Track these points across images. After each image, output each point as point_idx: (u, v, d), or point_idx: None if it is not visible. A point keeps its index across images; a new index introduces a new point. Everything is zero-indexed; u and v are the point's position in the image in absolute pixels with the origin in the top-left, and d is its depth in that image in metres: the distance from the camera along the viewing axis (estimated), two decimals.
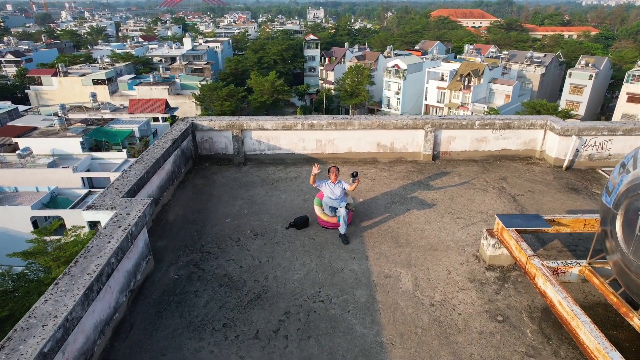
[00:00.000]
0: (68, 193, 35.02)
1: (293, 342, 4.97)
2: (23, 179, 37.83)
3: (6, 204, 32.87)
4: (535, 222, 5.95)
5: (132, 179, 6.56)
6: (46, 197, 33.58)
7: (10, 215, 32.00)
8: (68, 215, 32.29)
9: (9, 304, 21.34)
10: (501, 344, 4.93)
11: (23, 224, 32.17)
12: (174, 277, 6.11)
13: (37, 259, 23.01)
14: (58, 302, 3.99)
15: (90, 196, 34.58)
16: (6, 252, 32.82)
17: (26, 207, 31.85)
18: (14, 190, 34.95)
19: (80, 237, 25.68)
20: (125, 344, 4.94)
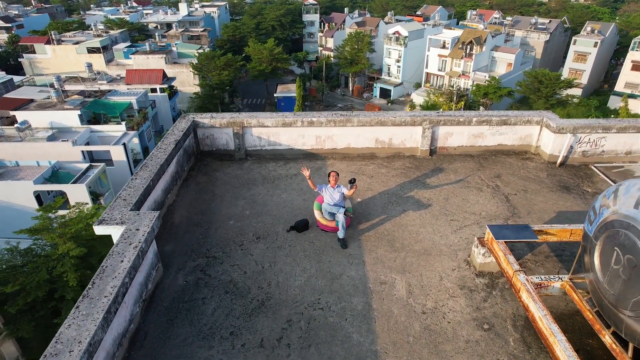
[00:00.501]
0: (69, 167, 35.26)
1: (295, 350, 5.41)
2: (23, 152, 37.94)
3: (8, 178, 33.17)
4: (524, 233, 6.28)
5: (139, 189, 6.82)
6: (47, 171, 33.85)
7: (13, 190, 32.39)
8: (70, 189, 32.70)
9: (19, 278, 22.07)
10: (486, 352, 5.37)
11: (26, 198, 32.62)
12: (182, 283, 6.51)
13: (43, 235, 23.55)
14: (81, 327, 4.37)
15: (91, 170, 34.85)
16: (11, 226, 33.48)
17: (28, 182, 32.18)
18: (15, 164, 35.17)
19: (83, 213, 26.16)
20: (141, 352, 5.39)
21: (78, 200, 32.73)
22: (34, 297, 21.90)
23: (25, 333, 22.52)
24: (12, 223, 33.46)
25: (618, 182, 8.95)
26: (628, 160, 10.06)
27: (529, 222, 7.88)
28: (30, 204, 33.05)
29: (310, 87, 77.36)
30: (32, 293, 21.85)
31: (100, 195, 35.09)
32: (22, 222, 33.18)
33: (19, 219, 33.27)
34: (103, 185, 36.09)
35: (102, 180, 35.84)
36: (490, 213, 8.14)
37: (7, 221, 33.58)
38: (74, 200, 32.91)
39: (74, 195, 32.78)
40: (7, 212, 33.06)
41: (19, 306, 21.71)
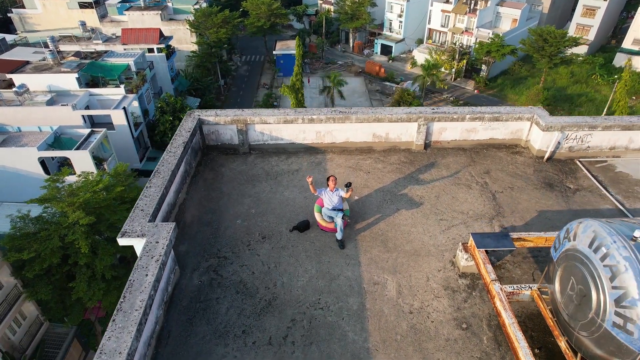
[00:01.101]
0: (71, 133, 35.54)
1: (298, 347, 6.30)
2: (23, 117, 38.04)
3: (12, 145, 33.57)
4: (503, 242, 6.99)
5: (154, 198, 7.46)
6: (50, 137, 34.17)
7: (18, 157, 32.91)
8: (74, 156, 33.21)
9: (34, 245, 23.21)
10: (462, 350, 6.27)
11: (31, 164, 33.21)
12: (197, 283, 7.32)
13: (52, 204, 24.42)
14: (119, 339, 5.18)
15: (93, 136, 35.16)
16: (19, 191, 34.41)
17: (32, 149, 32.62)
18: (17, 130, 35.41)
19: (89, 180, 26.89)
20: (167, 349, 6.28)
21: (82, 165, 33.39)
22: (49, 263, 23.11)
23: (44, 295, 23.99)
24: (19, 188, 34.37)
25: (600, 177, 9.58)
26: (612, 155, 10.62)
27: (511, 222, 8.59)
28: (36, 170, 33.71)
29: (310, 44, 75.54)
30: (47, 259, 23.06)
31: (103, 160, 35.65)
32: (29, 187, 34.13)
33: (26, 184, 34.13)
34: (106, 150, 36.55)
35: (105, 145, 36.24)
36: (477, 212, 8.83)
37: (14, 186, 34.41)
38: (78, 166, 33.58)
39: (78, 161, 33.35)
40: (14, 178, 33.78)
41: (35, 271, 22.99)
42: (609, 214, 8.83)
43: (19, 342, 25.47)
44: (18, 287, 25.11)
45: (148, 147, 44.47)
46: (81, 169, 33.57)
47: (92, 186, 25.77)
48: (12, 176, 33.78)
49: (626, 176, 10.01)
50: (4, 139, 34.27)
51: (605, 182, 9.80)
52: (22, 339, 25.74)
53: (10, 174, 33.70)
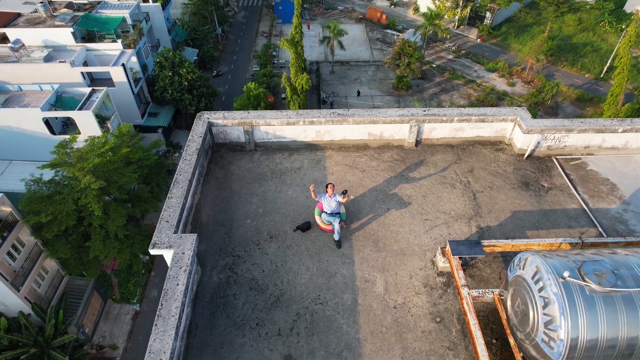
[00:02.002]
0: (72, 92, 35.76)
1: (302, 338, 7.79)
2: (22, 73, 38.01)
3: (15, 105, 33.97)
4: (475, 249, 8.25)
5: (176, 209, 8.61)
6: (52, 97, 34.47)
7: (23, 117, 33.46)
8: (77, 116, 33.76)
9: (49, 208, 24.69)
10: (435, 340, 7.76)
11: (36, 124, 33.84)
12: (216, 280, 8.69)
13: (64, 168, 25.55)
14: (162, 341, 6.60)
15: (95, 95, 35.42)
16: (26, 150, 35.41)
17: (36, 109, 33.09)
18: (18, 89, 35.59)
19: (94, 142, 27.79)
20: (196, 340, 7.77)
21: (86, 125, 34.08)
22: (66, 225, 24.71)
23: (63, 254, 25.90)
24: (26, 147, 35.34)
25: (572, 176, 10.70)
26: (586, 153, 11.61)
27: (487, 222, 9.82)
28: (41, 129, 34.43)
29: None
30: (64, 222, 24.65)
31: (106, 119, 36.20)
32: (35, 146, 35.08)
33: (33, 143, 35.04)
34: (108, 108, 36.95)
35: (107, 104, 36.59)
36: (458, 212, 10.02)
37: (22, 146, 35.33)
38: (82, 125, 34.26)
39: (82, 121, 33.97)
40: (20, 137, 34.58)
41: (54, 232, 24.68)
42: (574, 214, 10.05)
43: (44, 293, 27.81)
44: (38, 245, 26.96)
45: (149, 103, 44.69)
46: (85, 128, 34.34)
47: (98, 148, 26.73)
48: (18, 136, 34.55)
49: (595, 175, 11.09)
50: (7, 99, 34.61)
51: (575, 181, 10.91)
52: (47, 291, 28.07)
53: (16, 133, 34.45)
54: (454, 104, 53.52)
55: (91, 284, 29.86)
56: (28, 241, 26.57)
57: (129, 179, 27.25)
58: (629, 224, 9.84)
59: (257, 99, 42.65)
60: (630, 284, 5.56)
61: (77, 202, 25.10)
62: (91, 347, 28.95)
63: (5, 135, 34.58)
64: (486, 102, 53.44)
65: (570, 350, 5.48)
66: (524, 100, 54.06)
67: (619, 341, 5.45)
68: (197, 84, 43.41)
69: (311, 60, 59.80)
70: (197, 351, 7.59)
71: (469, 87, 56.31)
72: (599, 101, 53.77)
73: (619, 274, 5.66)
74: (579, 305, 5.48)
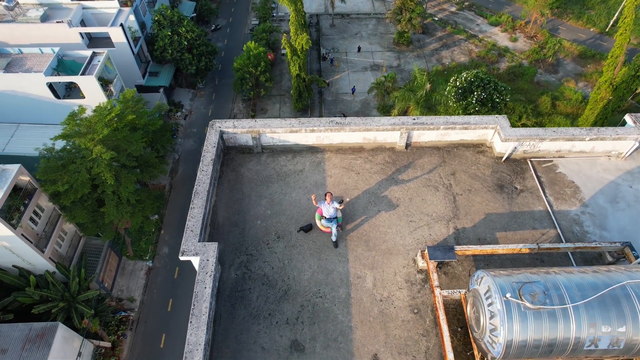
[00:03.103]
0: (73, 55, 35.95)
1: (306, 326, 9.72)
2: (21, 35, 37.92)
3: (18, 69, 34.34)
4: (449, 254, 9.94)
5: (198, 219, 10.19)
6: (53, 61, 34.75)
7: (27, 82, 34.01)
8: (81, 81, 34.29)
9: (65, 177, 26.29)
10: (412, 328, 9.70)
11: (40, 89, 34.47)
12: (234, 276, 10.49)
13: (75, 139, 26.81)
14: (197, 335, 8.48)
15: (96, 58, 35.64)
16: (32, 114, 36.30)
17: (39, 74, 33.56)
18: (18, 52, 35.72)
19: (100, 109, 28.77)
20: (221, 327, 9.69)
21: (89, 90, 34.77)
22: (82, 194, 26.47)
23: (81, 219, 27.93)
24: (32, 111, 36.24)
25: (543, 178, 12.21)
26: (558, 156, 12.99)
27: (463, 224, 11.45)
28: (45, 93, 35.10)
29: None
30: (79, 190, 26.38)
31: (109, 82, 36.69)
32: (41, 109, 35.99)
33: (38, 107, 35.89)
34: (110, 71, 37.28)
35: (108, 66, 36.86)
36: (439, 214, 11.63)
37: (27, 109, 36.19)
38: (86, 90, 34.92)
39: (85, 86, 34.57)
40: (26, 102, 35.34)
41: (71, 200, 26.46)
42: (539, 216, 11.66)
43: (65, 253, 30.20)
44: (57, 210, 28.88)
45: (149, 62, 44.71)
46: (89, 92, 35.02)
47: (104, 116, 27.77)
48: (23, 100, 35.28)
49: (563, 177, 12.57)
50: (8, 63, 34.90)
51: (545, 183, 12.42)
52: (67, 251, 30.44)
53: (21, 98, 35.15)
54: (454, 60, 53.29)
55: (107, 244, 32.19)
56: (47, 206, 28.44)
57: (137, 147, 28.59)
58: (584, 225, 11.50)
59: (257, 59, 42.73)
60: (554, 302, 7.30)
61: (90, 171, 26.64)
62: (111, 300, 31.88)
63: (11, 100, 35.32)
64: (487, 59, 53.20)
65: (506, 349, 7.35)
66: (525, 57, 53.74)
67: (541, 343, 7.30)
68: (197, 42, 43.22)
69: (311, 12, 58.52)
70: (222, 337, 9.54)
71: (471, 43, 55.70)
72: (601, 58, 53.46)
73: (548, 293, 7.37)
74: (515, 319, 7.25)
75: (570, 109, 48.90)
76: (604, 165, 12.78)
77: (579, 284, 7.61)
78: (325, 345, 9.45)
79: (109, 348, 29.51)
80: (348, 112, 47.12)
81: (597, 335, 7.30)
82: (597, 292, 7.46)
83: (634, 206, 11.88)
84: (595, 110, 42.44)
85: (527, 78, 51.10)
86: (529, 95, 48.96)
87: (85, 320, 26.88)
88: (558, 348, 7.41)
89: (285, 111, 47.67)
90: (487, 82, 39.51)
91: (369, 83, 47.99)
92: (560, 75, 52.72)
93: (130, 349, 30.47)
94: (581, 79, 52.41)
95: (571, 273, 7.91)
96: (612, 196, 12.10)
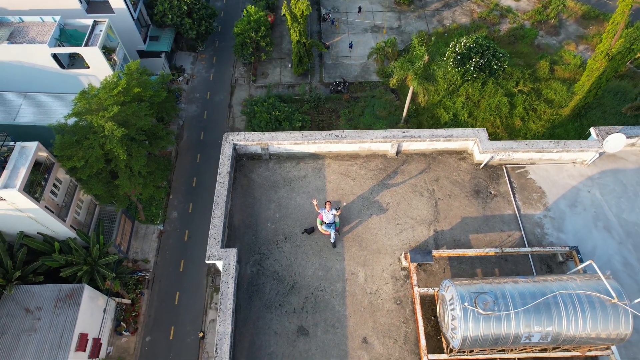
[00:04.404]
0: (74, 24, 36.17)
1: (309, 314, 12.07)
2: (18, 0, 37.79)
3: (21, 39, 34.77)
4: (427, 257, 12.07)
5: (219, 227, 12.20)
6: (56, 31, 35.07)
7: (32, 53, 34.62)
8: (85, 52, 34.86)
9: (79, 152, 28.04)
10: (395, 316, 12.05)
11: (45, 59, 35.13)
12: (250, 272, 12.70)
13: (87, 117, 28.20)
14: (224, 326, 10.80)
15: (98, 27, 35.90)
16: (37, 83, 37.25)
17: (43, 45, 34.10)
18: (19, 20, 35.92)
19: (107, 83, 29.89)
20: (240, 316, 12.04)
21: (94, 60, 35.50)
22: (97, 168, 28.38)
23: (97, 191, 30.06)
24: (38, 80, 37.20)
25: (515, 184, 14.14)
26: (530, 163, 14.77)
27: (442, 226, 13.49)
28: (50, 64, 35.80)
29: None
30: (95, 165, 28.26)
31: (112, 51, 37.19)
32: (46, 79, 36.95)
33: (44, 76, 36.78)
34: (112, 39, 37.61)
35: (110, 35, 37.15)
36: (422, 218, 13.64)
37: (34, 79, 37.11)
38: (90, 61, 35.63)
39: (89, 56, 35.20)
40: (32, 72, 36.15)
41: (86, 174, 28.40)
42: (508, 219, 13.68)
43: (83, 220, 32.62)
44: (73, 181, 30.90)
45: (149, 25, 44.60)
46: (93, 63, 35.72)
47: (111, 89, 28.96)
48: (29, 70, 36.05)
49: (532, 183, 14.45)
50: (11, 33, 35.26)
51: (516, 189, 14.32)
52: (85, 218, 32.84)
53: (27, 68, 35.89)
54: (455, 22, 52.82)
55: (120, 210, 34.53)
56: (64, 178, 30.40)
57: (145, 122, 30.04)
58: (545, 228, 13.57)
59: (257, 23, 42.75)
60: (501, 309, 9.52)
61: (102, 146, 28.29)
62: (128, 262, 34.80)
63: (17, 70, 36.10)
64: (488, 20, 52.73)
65: (462, 343, 9.69)
66: (527, 18, 53.19)
67: (489, 338, 9.62)
68: (197, 6, 42.96)
69: None
70: (242, 324, 11.93)
71: (473, 2, 54.83)
72: (605, 19, 52.96)
73: (497, 302, 9.58)
74: (470, 321, 9.52)
75: (567, 74, 49.38)
76: (569, 172, 14.62)
77: (521, 293, 9.81)
78: (325, 330, 11.87)
79: (129, 305, 32.80)
80: (347, 76, 47.72)
81: (531, 332, 9.61)
82: (534, 300, 9.67)
83: (588, 210, 13.88)
84: (591, 77, 43.14)
85: (528, 41, 51.05)
86: (528, 60, 49.24)
87: (108, 282, 29.82)
88: (501, 342, 9.76)
89: (285, 75, 48.23)
90: (486, 48, 40.07)
91: (369, 46, 48.18)
92: (562, 38, 52.57)
93: (147, 305, 33.82)
94: (582, 42, 52.34)
95: (517, 283, 10.09)
96: (572, 201, 14.07)
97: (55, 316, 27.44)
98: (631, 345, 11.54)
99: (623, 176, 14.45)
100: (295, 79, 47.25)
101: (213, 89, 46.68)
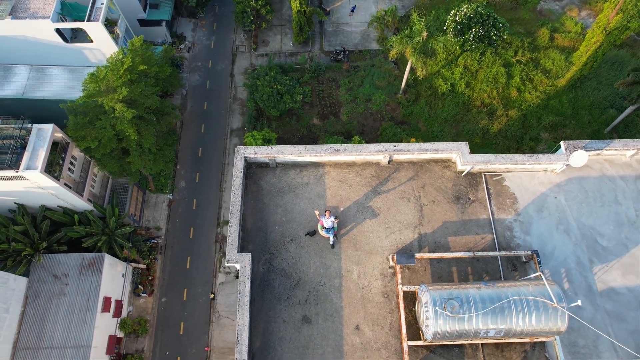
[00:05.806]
0: None
1: (312, 306, 14.60)
2: None
3: (23, 14, 35.04)
4: (410, 259, 14.39)
5: (235, 234, 14.40)
6: (57, 5, 35.26)
7: (36, 28, 35.07)
8: (88, 27, 35.30)
9: (92, 133, 29.72)
10: (382, 307, 14.60)
11: (49, 34, 35.64)
12: (261, 270, 15.09)
13: (98, 99, 29.52)
14: (243, 319, 13.32)
15: (99, 0, 35.98)
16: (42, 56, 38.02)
17: (47, 21, 34.50)
18: None
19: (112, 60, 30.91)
20: (255, 307, 14.58)
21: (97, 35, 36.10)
22: (110, 148, 30.21)
23: (110, 168, 32.09)
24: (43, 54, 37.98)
25: (492, 190, 16.24)
26: (506, 171, 16.71)
27: (425, 230, 15.70)
28: (54, 38, 36.35)
29: None
30: (108, 145, 30.06)
31: (114, 23, 37.50)
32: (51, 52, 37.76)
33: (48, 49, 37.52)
34: (113, 11, 37.76)
35: (111, 7, 37.28)
36: (409, 222, 15.82)
37: (38, 52, 37.82)
38: (94, 35, 36.20)
39: (93, 31, 35.69)
40: (36, 46, 36.79)
41: (100, 153, 30.28)
42: (482, 223, 15.87)
43: (98, 192, 34.88)
44: (87, 158, 32.80)
45: None
46: (96, 37, 36.26)
47: (117, 68, 30.07)
48: (33, 45, 36.65)
49: (507, 190, 16.49)
50: (13, 6, 35.44)
51: (492, 195, 16.39)
52: (100, 190, 35.09)
53: (30, 42, 36.48)
54: None
55: None
56: (79, 156, 32.28)
57: (153, 100, 31.39)
58: (514, 231, 15.80)
59: None
60: (465, 312, 11.97)
61: (114, 127, 29.88)
62: (141, 230, 37.51)
63: (21, 44, 36.69)
64: None
65: (433, 336, 12.26)
66: None
67: (455, 333, 12.17)
68: None
69: None
70: (256, 314, 14.48)
71: None
72: None
73: (462, 306, 12.01)
74: (439, 320, 12.01)
75: (567, 42, 49.49)
76: (541, 179, 16.61)
77: (482, 298, 12.23)
78: (325, 319, 14.47)
79: (145, 269, 35.92)
80: (348, 44, 47.97)
81: (488, 329, 12.14)
82: (493, 304, 12.11)
83: (553, 214, 16.05)
84: (589, 49, 43.58)
85: (530, 6, 50.61)
86: (528, 27, 49.14)
87: (126, 251, 32.64)
88: (464, 335, 12.33)
89: (286, 43, 48.42)
90: (487, 18, 40.36)
91: (370, 12, 48.00)
92: (564, 3, 52.01)
93: (161, 270, 36.98)
94: (585, 7, 51.88)
95: (480, 289, 12.48)
96: (540, 206, 16.19)
97: (81, 282, 30.44)
98: (572, 331, 14.18)
99: (586, 183, 16.47)
100: (296, 47, 47.53)
101: (214, 57, 47.11)
